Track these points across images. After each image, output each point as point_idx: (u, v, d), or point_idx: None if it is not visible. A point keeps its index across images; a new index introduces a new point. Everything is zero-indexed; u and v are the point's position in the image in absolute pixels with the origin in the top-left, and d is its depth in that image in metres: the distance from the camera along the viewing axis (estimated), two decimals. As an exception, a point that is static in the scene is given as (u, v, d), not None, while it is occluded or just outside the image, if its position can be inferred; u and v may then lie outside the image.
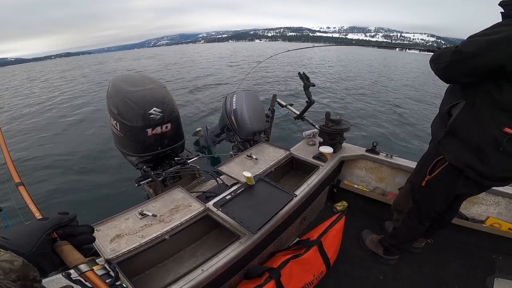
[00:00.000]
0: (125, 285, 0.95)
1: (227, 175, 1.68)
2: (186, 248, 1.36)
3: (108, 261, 1.00)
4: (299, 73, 2.16)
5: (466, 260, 1.68)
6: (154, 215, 1.28)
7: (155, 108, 1.77)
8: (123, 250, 1.09)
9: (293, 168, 2.05)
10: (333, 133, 1.84)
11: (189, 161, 2.14)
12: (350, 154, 1.98)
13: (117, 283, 0.91)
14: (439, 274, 1.59)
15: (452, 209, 1.44)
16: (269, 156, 1.89)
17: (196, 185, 2.22)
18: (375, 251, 1.69)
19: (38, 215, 0.97)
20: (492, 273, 1.57)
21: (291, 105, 2.62)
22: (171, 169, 2.01)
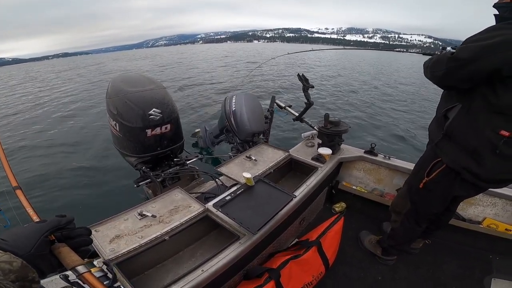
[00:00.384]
0: (123, 287, 0.95)
1: (226, 176, 1.69)
2: (185, 248, 1.36)
3: (106, 263, 1.00)
4: (298, 75, 2.17)
5: (463, 260, 1.69)
6: (154, 216, 1.28)
7: (154, 109, 1.77)
8: (123, 251, 1.09)
9: (292, 169, 2.05)
10: (331, 134, 1.85)
11: (188, 162, 2.14)
12: (348, 155, 1.99)
13: (115, 285, 0.91)
14: (436, 274, 1.60)
15: (449, 210, 1.45)
16: (268, 157, 1.89)
17: (195, 186, 2.22)
18: (374, 251, 1.70)
19: (35, 218, 0.97)
20: (489, 274, 1.58)
21: (290, 106, 2.63)
22: (170, 170, 2.01)
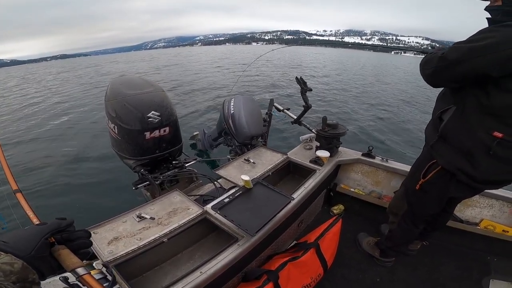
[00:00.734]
0: None
1: (225, 178, 1.69)
2: (184, 251, 1.35)
3: (105, 265, 1.00)
4: (297, 78, 2.19)
5: (461, 262, 1.69)
6: (152, 218, 1.28)
7: (153, 112, 1.78)
8: (121, 253, 1.09)
9: (290, 172, 2.06)
10: (329, 137, 1.86)
11: (186, 165, 2.14)
12: (346, 158, 1.99)
13: (114, 287, 0.91)
14: (434, 276, 1.60)
15: (446, 211, 1.46)
16: (266, 160, 1.90)
17: (194, 188, 2.22)
18: (372, 253, 1.70)
19: (36, 221, 0.97)
20: (488, 275, 1.59)
21: (288, 109, 2.64)
22: (168, 172, 2.01)
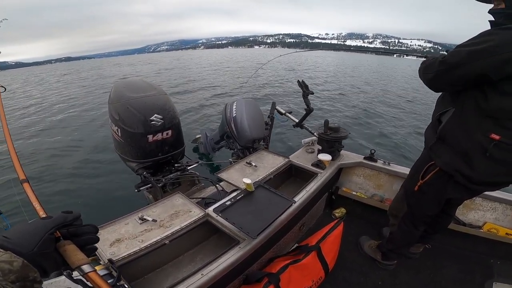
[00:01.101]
0: (126, 285, 0.95)
1: (226, 181, 1.70)
2: (185, 253, 1.36)
3: (111, 261, 1.00)
4: (298, 81, 2.20)
5: (464, 265, 1.68)
6: (154, 220, 1.29)
7: (156, 115, 1.79)
8: (123, 254, 1.10)
9: (292, 175, 2.06)
10: (331, 140, 1.86)
11: (189, 168, 2.15)
12: (348, 161, 2.00)
13: (118, 283, 0.91)
14: (437, 279, 1.59)
15: (447, 214, 1.45)
16: (268, 163, 1.91)
17: (196, 191, 2.23)
18: (373, 256, 1.70)
19: (42, 214, 0.95)
20: (490, 278, 1.57)
21: (290, 112, 2.65)
22: (171, 175, 2.02)
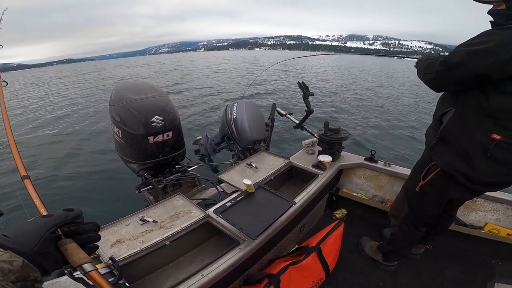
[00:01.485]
0: (127, 284, 0.95)
1: (227, 183, 1.70)
2: (186, 254, 1.36)
3: (112, 259, 1.00)
4: (299, 83, 2.20)
5: (465, 266, 1.67)
6: (155, 221, 1.29)
7: (157, 116, 1.80)
8: (123, 255, 1.10)
9: (292, 177, 2.06)
10: (332, 142, 1.86)
11: (189, 169, 2.16)
12: (348, 162, 1.99)
13: (120, 281, 0.91)
14: (438, 280, 1.59)
15: (448, 214, 1.45)
16: (268, 164, 1.91)
17: (196, 192, 2.23)
18: (374, 257, 1.69)
19: (43, 211, 0.94)
20: (492, 279, 1.57)
21: (290, 114, 2.66)
22: (171, 176, 2.02)
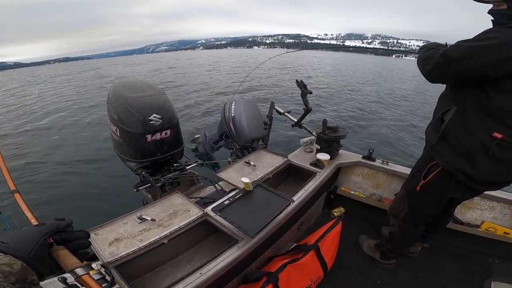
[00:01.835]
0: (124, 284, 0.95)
1: (225, 181, 1.70)
2: (184, 252, 1.36)
3: (104, 266, 1.00)
4: (297, 81, 2.20)
5: (463, 264, 1.68)
6: (153, 220, 1.29)
7: (155, 115, 1.79)
8: (122, 254, 1.10)
9: (290, 175, 2.06)
10: (330, 140, 1.87)
11: (187, 168, 2.15)
12: (346, 160, 2.00)
13: (113, 287, 0.91)
14: (436, 278, 1.59)
15: (447, 213, 1.46)
16: (267, 162, 1.91)
17: (195, 191, 2.23)
18: (372, 256, 1.70)
19: (34, 222, 0.97)
20: (489, 277, 1.58)
21: (288, 112, 2.65)
22: (170, 175, 2.02)
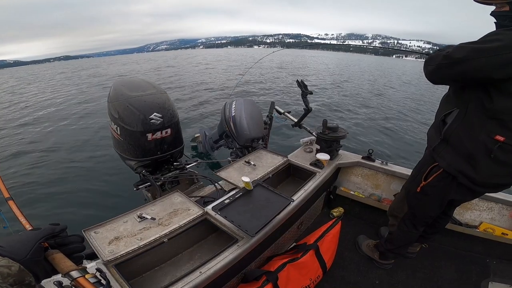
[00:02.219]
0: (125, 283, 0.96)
1: (225, 180, 1.70)
2: (184, 251, 1.36)
3: (99, 270, 1.01)
4: (297, 81, 2.20)
5: (461, 264, 1.69)
6: (153, 218, 1.29)
7: (155, 113, 1.79)
8: (121, 252, 1.10)
9: (290, 175, 2.07)
10: (330, 140, 1.87)
11: (187, 167, 2.15)
12: (346, 161, 2.00)
13: None
14: (434, 278, 1.60)
15: (446, 214, 1.46)
16: (267, 162, 1.91)
17: (194, 190, 2.23)
18: (371, 256, 1.70)
19: (28, 227, 0.99)
20: (487, 277, 1.59)
21: (289, 112, 2.66)
22: (170, 174, 2.02)
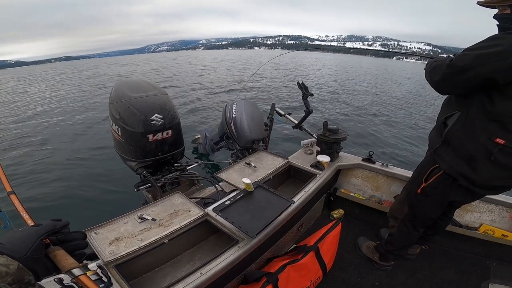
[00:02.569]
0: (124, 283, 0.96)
1: (226, 181, 1.70)
2: (184, 252, 1.36)
3: (100, 267, 1.01)
4: (298, 83, 2.21)
5: (461, 266, 1.69)
6: (154, 219, 1.29)
7: (156, 115, 1.80)
8: (122, 253, 1.10)
9: (291, 176, 2.07)
10: (330, 142, 1.87)
11: (188, 168, 2.16)
12: (346, 163, 2.01)
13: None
14: (434, 280, 1.60)
15: (446, 216, 1.47)
16: (267, 164, 1.91)
17: (195, 191, 2.23)
18: (371, 257, 1.70)
19: (30, 222, 0.97)
20: (487, 279, 1.58)
21: (289, 114, 2.66)
22: (170, 175, 2.02)
